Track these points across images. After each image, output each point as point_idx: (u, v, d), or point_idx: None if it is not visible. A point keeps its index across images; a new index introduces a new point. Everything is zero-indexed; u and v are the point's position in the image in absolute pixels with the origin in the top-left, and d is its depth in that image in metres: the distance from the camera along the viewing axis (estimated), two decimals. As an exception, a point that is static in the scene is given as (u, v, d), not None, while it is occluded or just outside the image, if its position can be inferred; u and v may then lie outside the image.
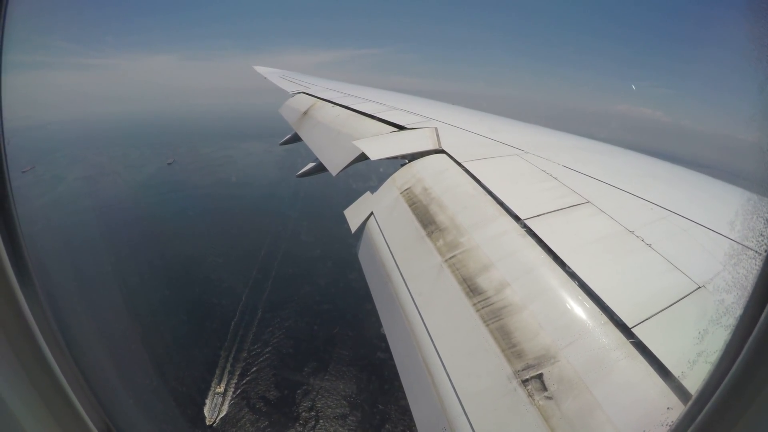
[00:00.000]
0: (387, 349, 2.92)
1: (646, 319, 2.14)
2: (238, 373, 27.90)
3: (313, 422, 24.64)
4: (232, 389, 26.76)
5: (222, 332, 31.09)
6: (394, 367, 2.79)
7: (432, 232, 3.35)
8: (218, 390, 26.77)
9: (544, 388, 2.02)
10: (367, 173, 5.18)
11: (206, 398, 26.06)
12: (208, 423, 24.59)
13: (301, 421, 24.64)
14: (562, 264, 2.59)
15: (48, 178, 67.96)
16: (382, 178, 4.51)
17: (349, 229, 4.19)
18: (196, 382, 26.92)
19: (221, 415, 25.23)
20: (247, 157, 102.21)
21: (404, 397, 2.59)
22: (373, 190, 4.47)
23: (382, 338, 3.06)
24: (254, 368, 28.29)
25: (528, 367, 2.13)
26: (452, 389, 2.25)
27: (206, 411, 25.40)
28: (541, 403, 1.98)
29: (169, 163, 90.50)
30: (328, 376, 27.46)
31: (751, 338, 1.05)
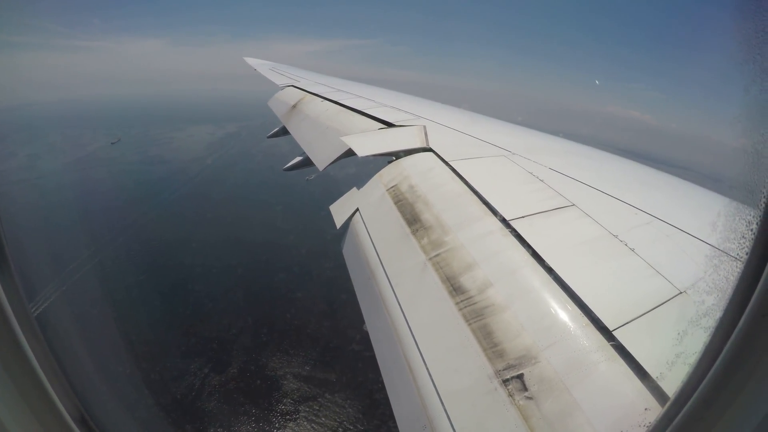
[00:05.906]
0: (362, 341, 2.89)
1: (627, 323, 2.15)
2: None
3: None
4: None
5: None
6: (370, 359, 2.75)
7: (417, 230, 3.32)
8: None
9: (525, 389, 2.01)
10: (354, 169, 5.12)
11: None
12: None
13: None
14: (545, 266, 2.60)
15: (5, 155, 73.82)
16: (369, 175, 4.47)
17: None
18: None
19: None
20: (186, 139, 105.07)
21: (379, 390, 2.57)
22: (360, 186, 4.42)
23: (359, 331, 3.02)
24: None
25: (509, 367, 2.12)
26: (433, 387, 2.23)
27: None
28: (521, 403, 1.97)
29: (112, 143, 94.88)
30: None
31: (730, 341, 1.05)
